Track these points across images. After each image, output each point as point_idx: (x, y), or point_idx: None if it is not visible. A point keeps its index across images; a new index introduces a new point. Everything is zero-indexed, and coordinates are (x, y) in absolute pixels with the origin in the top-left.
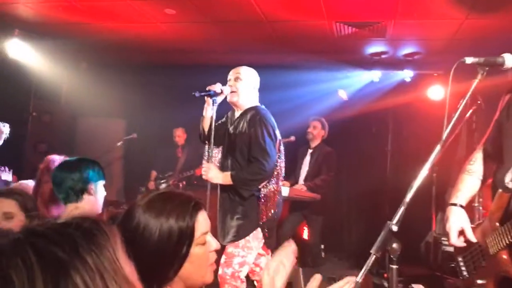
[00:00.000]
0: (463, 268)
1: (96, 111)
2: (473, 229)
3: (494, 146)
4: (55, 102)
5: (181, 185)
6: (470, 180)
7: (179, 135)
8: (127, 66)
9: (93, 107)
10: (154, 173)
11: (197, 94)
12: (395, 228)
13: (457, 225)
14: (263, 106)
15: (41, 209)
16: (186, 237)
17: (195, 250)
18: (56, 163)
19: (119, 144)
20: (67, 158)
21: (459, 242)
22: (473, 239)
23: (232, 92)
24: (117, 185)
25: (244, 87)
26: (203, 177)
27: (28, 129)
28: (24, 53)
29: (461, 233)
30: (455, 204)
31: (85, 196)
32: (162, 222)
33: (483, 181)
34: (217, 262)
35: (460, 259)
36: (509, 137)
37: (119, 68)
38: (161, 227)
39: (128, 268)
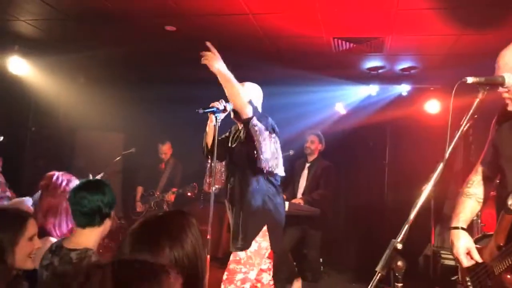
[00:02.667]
0: None
1: (94, 125)
2: (479, 249)
3: (491, 168)
4: (53, 117)
5: (165, 203)
6: (469, 203)
7: (165, 151)
8: (125, 80)
9: (91, 121)
10: (140, 189)
11: (200, 111)
12: (399, 246)
13: (464, 248)
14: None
15: (41, 222)
16: (201, 237)
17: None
18: (59, 180)
19: (117, 159)
20: (65, 178)
21: (470, 263)
22: (479, 259)
23: (233, 109)
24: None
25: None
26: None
27: (26, 144)
28: (23, 69)
29: (467, 254)
30: (457, 228)
31: (106, 221)
32: (186, 241)
33: (484, 202)
34: (219, 278)
35: (467, 279)
36: (509, 159)
37: (117, 82)
38: (189, 244)
39: None
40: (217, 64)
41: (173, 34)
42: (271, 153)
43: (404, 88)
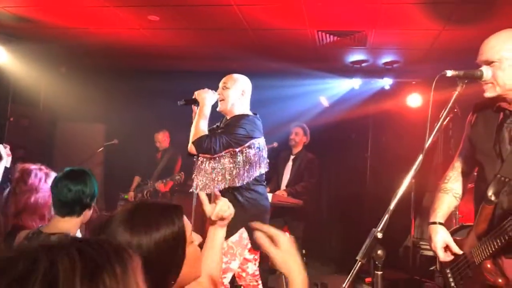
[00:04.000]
0: (451, 280)
1: (75, 116)
2: (459, 241)
3: (468, 163)
4: (33, 106)
5: (160, 194)
6: (446, 198)
7: (160, 140)
8: (107, 71)
9: (72, 112)
10: (137, 179)
11: (180, 103)
12: (380, 235)
13: (441, 243)
14: (252, 114)
15: (11, 218)
16: (180, 240)
17: (188, 249)
18: (33, 173)
19: (99, 150)
20: (40, 171)
21: (448, 257)
22: (458, 251)
23: (220, 100)
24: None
25: (231, 96)
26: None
27: (5, 134)
28: (1, 56)
29: (446, 248)
30: (434, 223)
31: (85, 212)
32: (154, 235)
33: (461, 198)
34: None
35: (448, 271)
36: (486, 154)
37: (99, 72)
38: (156, 239)
39: None
40: (204, 95)
41: (156, 23)
42: (237, 168)
43: (386, 82)
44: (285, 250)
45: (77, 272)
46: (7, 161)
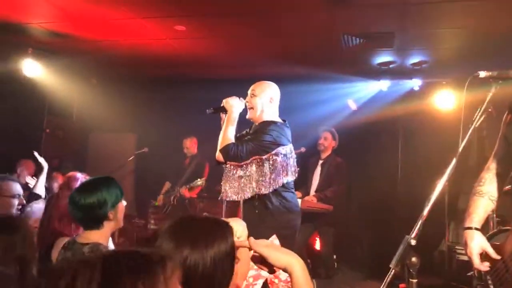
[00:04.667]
0: (491, 286)
1: (107, 126)
2: (496, 246)
3: (503, 164)
4: (67, 118)
5: (186, 200)
6: (482, 202)
7: (187, 146)
8: (136, 81)
9: (104, 122)
10: (167, 184)
11: (209, 111)
12: (413, 242)
13: (477, 249)
14: (281, 121)
15: (55, 224)
16: (232, 256)
17: (236, 266)
18: (79, 180)
19: (130, 158)
20: (85, 179)
21: (483, 267)
22: (496, 256)
23: (249, 108)
24: (129, 199)
25: (259, 103)
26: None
27: (41, 145)
28: (37, 71)
29: (484, 254)
30: (470, 228)
31: (105, 223)
32: (207, 251)
33: (497, 200)
34: None
35: (488, 277)
36: None
37: (128, 83)
38: (211, 255)
39: None
40: (232, 103)
41: (182, 33)
42: (263, 176)
43: (415, 83)
44: (268, 246)
45: (93, 286)
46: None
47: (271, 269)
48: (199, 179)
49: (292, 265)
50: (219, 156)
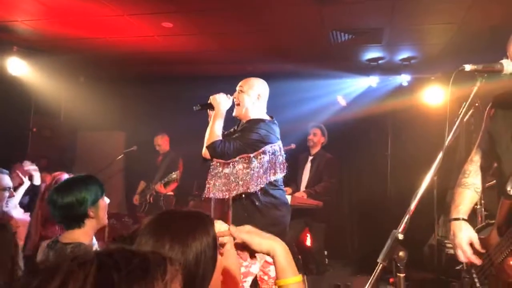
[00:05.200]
0: (476, 280)
1: (95, 124)
2: (483, 240)
3: (486, 157)
4: (54, 117)
5: (162, 196)
6: (467, 193)
7: (159, 143)
8: (124, 78)
9: (92, 120)
10: (142, 184)
11: (196, 108)
12: (401, 237)
13: (466, 239)
14: (269, 118)
15: (38, 227)
16: (215, 248)
17: (219, 259)
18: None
19: (119, 157)
20: (64, 179)
21: (474, 258)
22: (481, 250)
23: (236, 104)
24: (118, 198)
25: (246, 100)
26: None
27: (28, 144)
28: (23, 69)
29: (470, 245)
30: (458, 219)
31: (86, 220)
32: (189, 245)
33: (482, 192)
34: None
35: (473, 271)
36: (505, 147)
37: (116, 81)
38: (192, 250)
39: None
40: (219, 99)
41: (170, 30)
42: (251, 174)
43: (404, 78)
44: (249, 232)
45: None
46: (35, 178)
47: (253, 254)
48: (173, 173)
49: (274, 248)
50: (205, 152)
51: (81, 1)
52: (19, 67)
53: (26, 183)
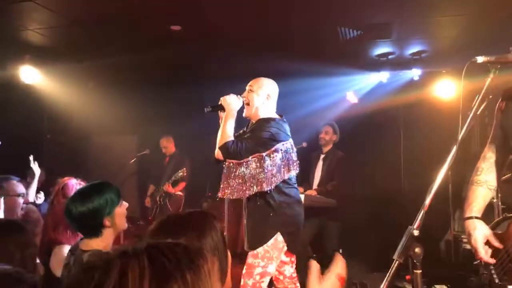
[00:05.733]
0: (495, 276)
1: (107, 128)
2: (500, 235)
3: (500, 152)
4: (67, 123)
5: (172, 196)
6: (481, 191)
7: (165, 145)
8: (134, 82)
9: (104, 125)
10: (151, 187)
11: (207, 109)
12: (416, 233)
13: (481, 238)
14: (279, 117)
15: (51, 232)
16: (225, 242)
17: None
18: (73, 187)
19: (132, 161)
20: (80, 185)
21: (489, 258)
22: (499, 245)
23: (245, 104)
24: (132, 201)
25: (256, 99)
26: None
27: (43, 151)
28: (35, 77)
29: (487, 243)
30: (471, 217)
31: (104, 230)
32: (207, 240)
33: (495, 188)
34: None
35: (491, 267)
36: None
37: (126, 84)
38: (210, 245)
39: None
40: (229, 100)
41: (178, 33)
42: (264, 173)
43: (415, 73)
44: None
45: (145, 281)
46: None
47: None
48: (179, 171)
49: None
50: (218, 154)
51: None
52: (31, 75)
53: (37, 172)
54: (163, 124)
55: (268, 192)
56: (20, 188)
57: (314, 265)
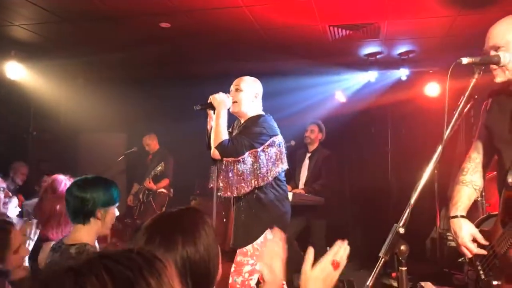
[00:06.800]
0: (481, 272)
1: (95, 126)
2: (485, 232)
3: (485, 152)
4: (54, 120)
5: (156, 193)
6: (466, 190)
7: (148, 143)
8: (123, 80)
9: (92, 122)
10: (135, 186)
11: (197, 108)
12: (402, 231)
13: (468, 236)
14: (267, 114)
15: (40, 228)
16: (215, 239)
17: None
18: (63, 182)
19: (120, 158)
20: (69, 181)
21: (479, 250)
22: (485, 242)
23: (233, 102)
24: (120, 199)
25: (244, 97)
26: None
27: (29, 148)
28: (21, 73)
29: (473, 240)
30: (456, 216)
31: (92, 220)
32: (199, 240)
33: (479, 188)
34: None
35: (477, 263)
36: (504, 139)
37: (115, 82)
38: (201, 244)
39: None
40: (220, 98)
41: (168, 30)
42: (260, 168)
43: (403, 73)
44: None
45: None
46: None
47: None
48: (158, 166)
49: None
50: (214, 153)
51: None
52: (17, 71)
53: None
54: (152, 122)
55: (261, 188)
56: None
57: (311, 252)
